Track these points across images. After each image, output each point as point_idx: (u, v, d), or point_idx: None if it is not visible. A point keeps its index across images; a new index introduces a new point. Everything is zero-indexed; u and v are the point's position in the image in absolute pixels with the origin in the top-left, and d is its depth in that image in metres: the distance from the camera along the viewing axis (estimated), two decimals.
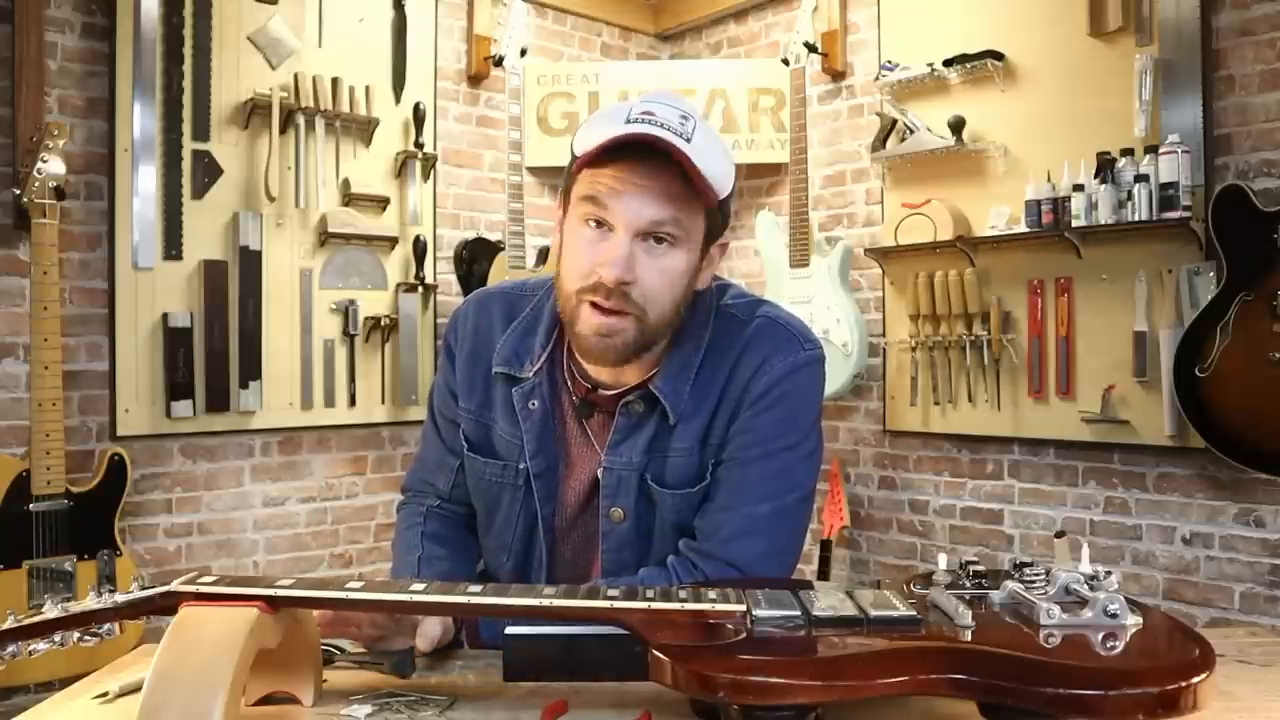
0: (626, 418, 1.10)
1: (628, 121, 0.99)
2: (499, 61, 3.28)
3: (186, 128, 2.83)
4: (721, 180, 1.03)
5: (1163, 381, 2.59)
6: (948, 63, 3.04)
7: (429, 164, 3.31)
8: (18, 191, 2.41)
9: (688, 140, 0.99)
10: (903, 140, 3.17)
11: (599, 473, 1.11)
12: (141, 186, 2.73)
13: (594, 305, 1.02)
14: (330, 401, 3.12)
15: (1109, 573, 0.81)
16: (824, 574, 3.25)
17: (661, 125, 0.99)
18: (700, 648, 0.74)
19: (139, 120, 2.72)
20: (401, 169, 3.27)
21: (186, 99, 2.83)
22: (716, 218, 1.07)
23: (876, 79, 3.25)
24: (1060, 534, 2.83)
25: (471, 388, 1.18)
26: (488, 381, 1.17)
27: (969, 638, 0.74)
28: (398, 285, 3.26)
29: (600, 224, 1.02)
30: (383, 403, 3.24)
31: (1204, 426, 2.44)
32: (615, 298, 1.00)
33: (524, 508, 1.15)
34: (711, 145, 1.02)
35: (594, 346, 1.04)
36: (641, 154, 0.98)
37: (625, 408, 1.10)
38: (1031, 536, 2.99)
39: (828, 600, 0.80)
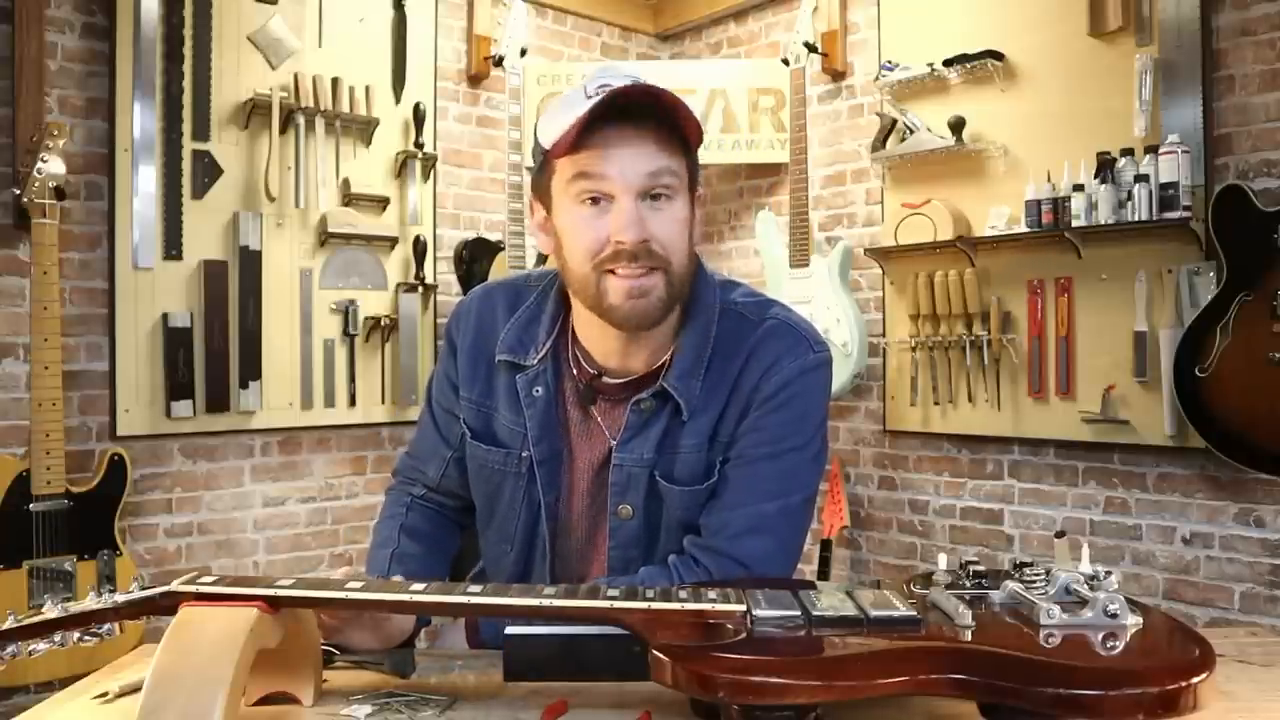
0: (638, 414, 1.10)
1: (589, 98, 0.99)
2: (499, 61, 3.28)
3: (186, 128, 2.83)
4: (696, 117, 1.04)
5: (1163, 381, 2.59)
6: (948, 63, 3.03)
7: (429, 164, 3.31)
8: (18, 191, 2.41)
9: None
10: (903, 140, 3.17)
11: (610, 470, 1.11)
12: (141, 186, 2.72)
13: (616, 273, 1.02)
14: (330, 401, 3.12)
15: (1109, 573, 0.81)
16: (824, 574, 3.25)
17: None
18: (700, 648, 0.74)
19: (139, 120, 2.72)
20: (401, 169, 3.27)
21: (186, 99, 2.83)
22: (696, 159, 1.08)
23: (876, 79, 3.25)
24: (1060, 534, 2.81)
25: (474, 377, 1.18)
26: (490, 370, 1.18)
27: (969, 638, 0.74)
28: (398, 285, 3.26)
29: (597, 199, 1.02)
30: (382, 403, 3.23)
31: (1204, 426, 2.44)
32: (642, 257, 1.01)
33: (526, 495, 1.15)
34: None
35: (630, 311, 1.03)
36: (618, 118, 0.99)
37: (636, 405, 1.10)
38: (1031, 536, 2.99)
39: (828, 600, 0.80)
